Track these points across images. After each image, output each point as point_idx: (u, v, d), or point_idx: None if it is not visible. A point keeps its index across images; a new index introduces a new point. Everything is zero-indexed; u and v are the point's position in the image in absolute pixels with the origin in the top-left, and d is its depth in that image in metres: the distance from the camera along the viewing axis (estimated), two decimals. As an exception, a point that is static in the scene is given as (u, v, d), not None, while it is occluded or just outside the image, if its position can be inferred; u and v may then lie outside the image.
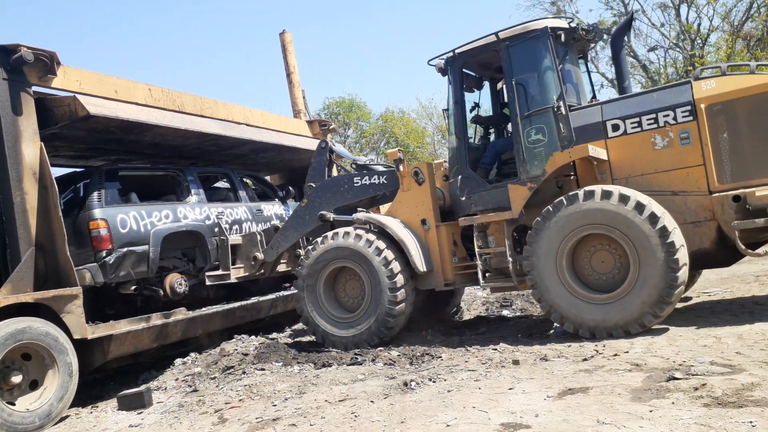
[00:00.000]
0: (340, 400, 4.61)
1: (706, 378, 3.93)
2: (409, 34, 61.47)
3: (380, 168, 7.80)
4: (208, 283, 7.75)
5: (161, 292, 7.24)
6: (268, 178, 14.00)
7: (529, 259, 6.00)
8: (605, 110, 6.15)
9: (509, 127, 7.27)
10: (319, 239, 7.08)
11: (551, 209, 5.90)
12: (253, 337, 7.79)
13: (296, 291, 7.20)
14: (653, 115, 5.90)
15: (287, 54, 16.09)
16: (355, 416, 4.16)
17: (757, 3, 22.79)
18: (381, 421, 3.97)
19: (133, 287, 7.04)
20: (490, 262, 6.64)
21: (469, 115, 7.31)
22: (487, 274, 6.78)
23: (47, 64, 6.06)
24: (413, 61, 58.51)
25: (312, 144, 10.48)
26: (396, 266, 6.62)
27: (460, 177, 6.74)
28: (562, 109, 6.13)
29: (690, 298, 7.46)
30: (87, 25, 66.83)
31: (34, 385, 5.49)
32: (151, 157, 8.53)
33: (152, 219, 7.14)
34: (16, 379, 5.30)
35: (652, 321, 5.47)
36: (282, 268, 8.40)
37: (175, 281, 7.31)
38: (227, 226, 8.11)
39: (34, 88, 6.13)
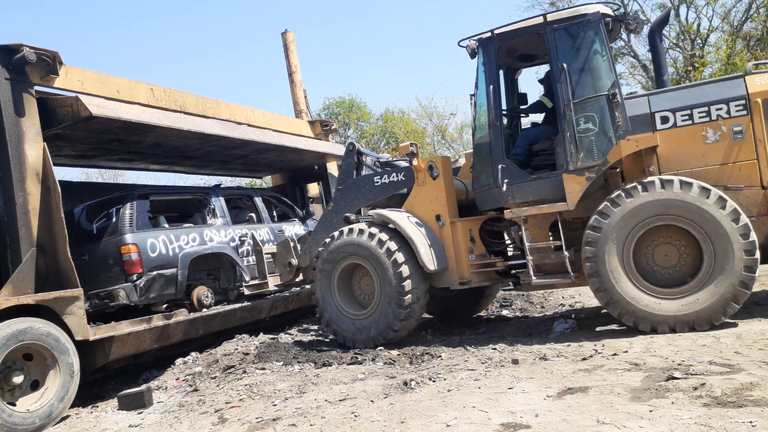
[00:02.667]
0: (340, 400, 4.62)
1: (705, 378, 3.95)
2: (409, 35, 61.48)
3: (403, 164, 7.58)
4: (246, 293, 8.00)
5: (188, 304, 7.45)
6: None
7: (591, 252, 5.75)
8: (653, 102, 5.98)
9: (517, 118, 7.15)
10: (335, 234, 6.98)
11: (618, 199, 5.68)
12: (253, 336, 7.80)
13: (314, 289, 7.16)
14: (705, 108, 5.77)
15: (289, 54, 16.15)
16: (355, 416, 4.17)
17: (757, 3, 22.79)
18: (381, 421, 3.98)
19: (165, 305, 7.21)
20: (531, 259, 6.23)
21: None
22: (512, 272, 6.62)
23: (50, 64, 6.08)
24: (413, 61, 58.51)
25: (314, 144, 10.53)
26: (406, 270, 6.46)
27: (500, 166, 6.33)
28: (618, 97, 5.89)
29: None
30: (89, 25, 66.86)
31: (35, 385, 5.50)
32: (153, 157, 8.56)
33: (180, 243, 7.38)
34: (18, 379, 5.30)
35: (726, 315, 5.37)
36: None
37: (202, 294, 7.53)
38: (250, 248, 8.35)
39: (37, 88, 6.14)
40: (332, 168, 11.94)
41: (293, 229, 9.46)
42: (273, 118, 10.03)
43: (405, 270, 6.46)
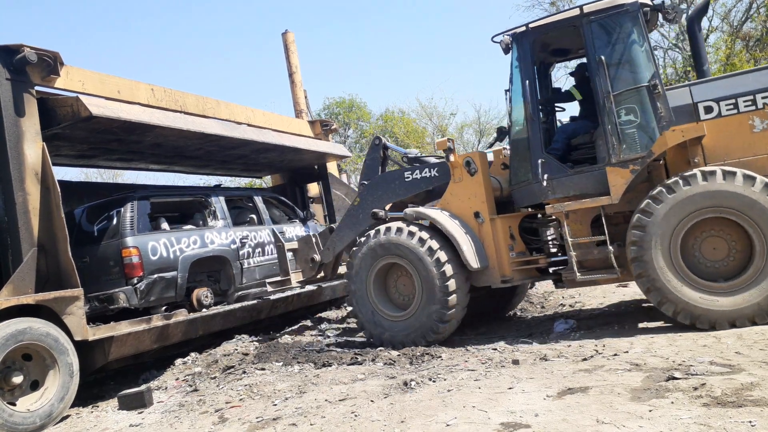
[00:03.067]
0: (340, 400, 4.62)
1: (705, 378, 3.95)
2: (410, 35, 61.48)
3: (433, 160, 7.47)
4: (269, 290, 7.93)
5: (188, 305, 7.44)
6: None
7: (637, 251, 5.63)
8: (695, 92, 5.84)
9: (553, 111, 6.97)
10: (371, 232, 6.84)
11: (659, 195, 5.56)
12: (253, 336, 7.80)
13: (347, 289, 7.03)
14: (751, 97, 5.63)
15: (290, 54, 16.15)
16: (355, 416, 4.17)
17: (757, 3, 22.79)
18: (381, 421, 3.99)
19: (164, 308, 7.20)
20: (572, 255, 6.05)
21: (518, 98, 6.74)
22: (551, 270, 6.52)
23: (50, 64, 6.08)
24: (413, 61, 58.52)
25: (313, 144, 10.54)
26: (449, 269, 6.31)
27: (540, 161, 6.19)
28: (660, 87, 5.77)
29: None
30: (90, 25, 66.85)
31: (35, 385, 5.50)
32: (152, 157, 8.56)
33: (181, 245, 7.37)
34: (17, 379, 5.31)
35: None
36: (342, 270, 8.20)
37: (202, 294, 7.53)
38: (250, 250, 8.29)
39: (37, 88, 6.14)
40: (332, 168, 11.95)
41: (294, 230, 9.45)
42: (273, 118, 10.03)
43: (448, 269, 6.30)
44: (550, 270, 6.80)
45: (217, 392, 5.48)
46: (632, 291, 8.58)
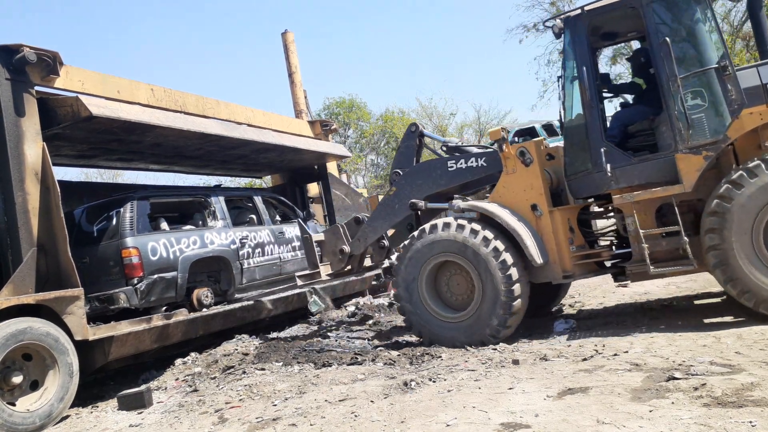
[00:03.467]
0: (340, 400, 4.62)
1: (705, 378, 3.94)
2: (410, 35, 61.48)
3: (474, 150, 7.13)
4: (299, 283, 7.67)
5: (188, 305, 7.43)
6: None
7: (715, 239, 5.36)
8: (762, 73, 5.55)
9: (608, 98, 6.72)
10: (426, 228, 6.47)
11: (740, 180, 5.28)
12: (253, 336, 7.80)
13: (395, 288, 6.67)
14: None
15: (289, 54, 16.18)
16: (355, 416, 4.17)
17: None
18: (381, 421, 3.98)
19: (164, 308, 7.19)
20: (641, 248, 5.75)
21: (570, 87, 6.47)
22: (607, 263, 6.30)
23: (50, 64, 6.08)
24: (413, 61, 58.52)
25: (313, 144, 10.54)
26: (509, 258, 6.01)
27: (602, 149, 5.89)
28: (730, 68, 5.45)
29: (691, 299, 7.47)
30: (90, 25, 66.85)
31: (34, 385, 5.49)
32: (152, 157, 8.56)
33: (181, 246, 7.35)
34: (17, 379, 5.30)
35: None
36: (366, 262, 8.07)
37: (202, 294, 7.52)
38: (250, 250, 8.27)
39: (37, 88, 6.14)
40: (332, 168, 11.95)
41: (294, 230, 9.43)
42: (273, 118, 10.04)
43: (515, 273, 6.02)
44: (607, 264, 6.52)
45: (216, 392, 5.48)
46: (632, 291, 8.57)
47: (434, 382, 4.81)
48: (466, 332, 6.18)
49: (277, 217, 9.69)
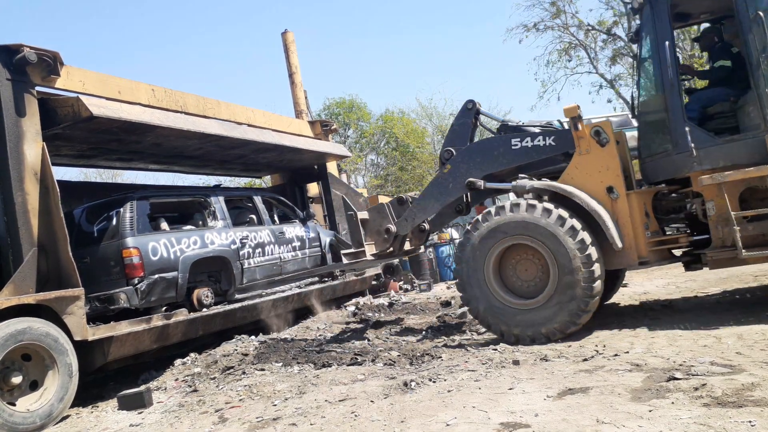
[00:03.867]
0: (340, 400, 4.62)
1: (706, 378, 3.94)
2: (409, 35, 61.48)
3: (535, 129, 6.83)
4: (345, 261, 7.24)
5: (188, 304, 7.43)
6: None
7: None
8: None
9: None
10: (491, 210, 6.15)
11: None
12: (253, 337, 7.80)
13: (458, 276, 6.34)
14: None
15: (289, 54, 16.19)
16: (355, 416, 4.17)
17: (758, 4, 22.69)
18: (381, 421, 3.99)
19: (164, 308, 7.19)
20: (730, 231, 5.47)
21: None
22: (679, 252, 6.07)
23: (50, 64, 6.08)
24: (413, 61, 58.54)
25: (313, 144, 10.55)
26: (594, 253, 5.74)
27: (687, 129, 5.67)
28: None
29: (690, 298, 7.47)
30: (90, 25, 66.85)
31: (34, 385, 5.49)
32: (152, 157, 8.57)
33: (181, 246, 7.35)
34: (17, 379, 5.30)
35: None
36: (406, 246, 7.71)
37: (202, 294, 7.53)
38: (250, 250, 8.23)
39: (37, 89, 6.15)
40: (332, 168, 11.96)
41: (294, 230, 9.43)
42: (273, 119, 10.04)
43: (594, 253, 5.72)
44: (677, 253, 6.26)
45: (216, 392, 5.48)
46: (631, 291, 8.58)
47: (434, 382, 4.81)
48: (542, 320, 5.86)
49: (281, 216, 9.71)
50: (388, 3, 64.91)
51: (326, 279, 10.09)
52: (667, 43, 5.79)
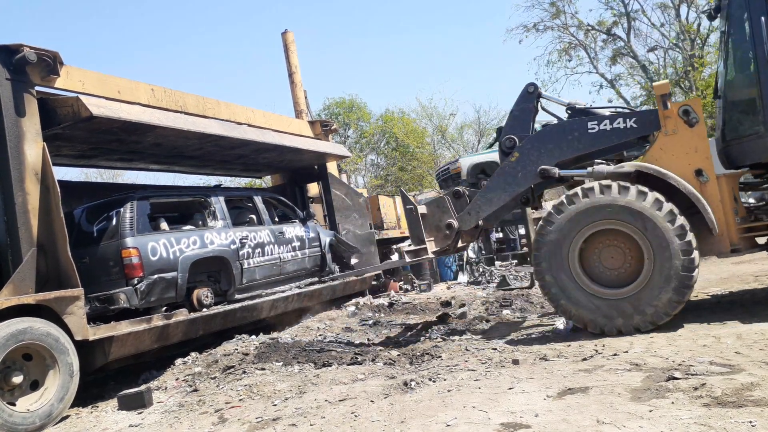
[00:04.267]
0: (340, 400, 4.62)
1: (705, 378, 3.95)
2: (410, 35, 61.47)
3: (606, 112, 6.50)
4: (408, 259, 6.74)
5: (188, 304, 7.43)
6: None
7: None
8: None
9: None
10: (577, 192, 5.80)
11: None
12: (253, 336, 7.80)
13: (537, 264, 6.01)
14: None
15: (289, 54, 16.18)
16: (355, 416, 4.17)
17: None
18: (381, 421, 3.99)
19: (164, 308, 7.19)
20: None
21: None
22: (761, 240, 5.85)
23: (50, 64, 6.08)
24: (413, 61, 58.53)
25: (313, 144, 10.55)
26: (693, 239, 5.45)
27: None
28: None
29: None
30: (90, 25, 66.85)
31: (34, 385, 5.49)
32: (152, 157, 8.56)
33: (181, 246, 7.34)
34: (17, 379, 5.30)
35: None
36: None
37: (202, 294, 7.52)
38: (250, 250, 8.23)
39: (37, 88, 6.14)
40: (332, 168, 11.96)
41: (293, 231, 9.42)
42: (273, 118, 10.04)
43: (692, 239, 5.43)
44: (761, 240, 6.02)
45: (217, 392, 5.48)
46: (632, 291, 8.57)
47: (434, 382, 4.81)
48: (634, 309, 5.56)
49: (281, 216, 9.71)
50: (388, 3, 64.93)
51: (326, 279, 10.09)
52: (763, 18, 5.43)
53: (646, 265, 5.56)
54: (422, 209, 6.89)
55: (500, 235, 17.85)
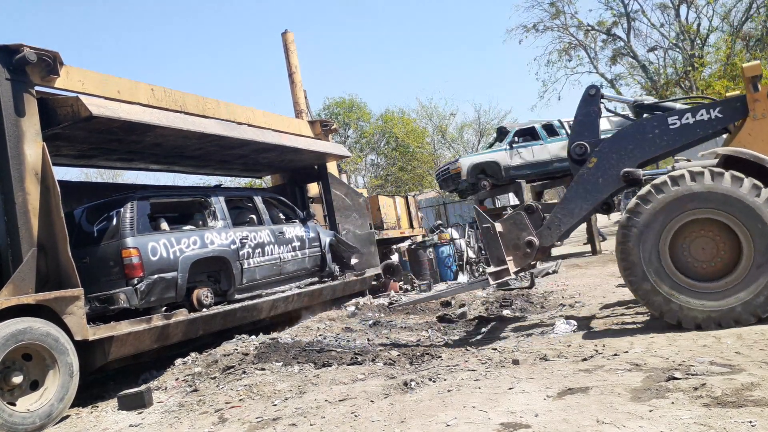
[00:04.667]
0: (340, 400, 4.62)
1: (705, 378, 3.95)
2: (410, 35, 61.46)
3: (678, 105, 6.25)
4: (492, 282, 6.43)
5: (188, 304, 7.42)
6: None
7: None
8: None
9: None
10: (665, 180, 5.48)
11: None
12: (253, 336, 7.80)
13: (623, 256, 5.67)
14: None
15: (289, 54, 16.18)
16: (355, 416, 4.17)
17: (757, 3, 22.79)
18: (381, 421, 3.99)
19: (164, 308, 7.19)
20: None
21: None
22: None
23: (50, 64, 6.08)
24: (413, 61, 58.52)
25: (313, 144, 10.55)
26: None
27: None
28: None
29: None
30: (90, 25, 66.85)
31: (34, 385, 5.48)
32: (152, 157, 8.56)
33: (181, 246, 7.33)
34: (17, 379, 5.29)
35: None
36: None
37: (202, 294, 7.52)
38: (250, 250, 8.22)
39: (37, 88, 6.14)
40: (332, 168, 11.96)
41: (293, 231, 9.42)
42: (273, 118, 10.05)
43: None
44: None
45: (216, 392, 5.48)
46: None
47: (434, 382, 4.82)
48: (733, 302, 5.30)
49: (281, 216, 9.70)
50: (388, 3, 64.90)
51: (326, 279, 10.09)
52: None
53: (745, 257, 5.29)
54: (498, 227, 6.50)
55: None
